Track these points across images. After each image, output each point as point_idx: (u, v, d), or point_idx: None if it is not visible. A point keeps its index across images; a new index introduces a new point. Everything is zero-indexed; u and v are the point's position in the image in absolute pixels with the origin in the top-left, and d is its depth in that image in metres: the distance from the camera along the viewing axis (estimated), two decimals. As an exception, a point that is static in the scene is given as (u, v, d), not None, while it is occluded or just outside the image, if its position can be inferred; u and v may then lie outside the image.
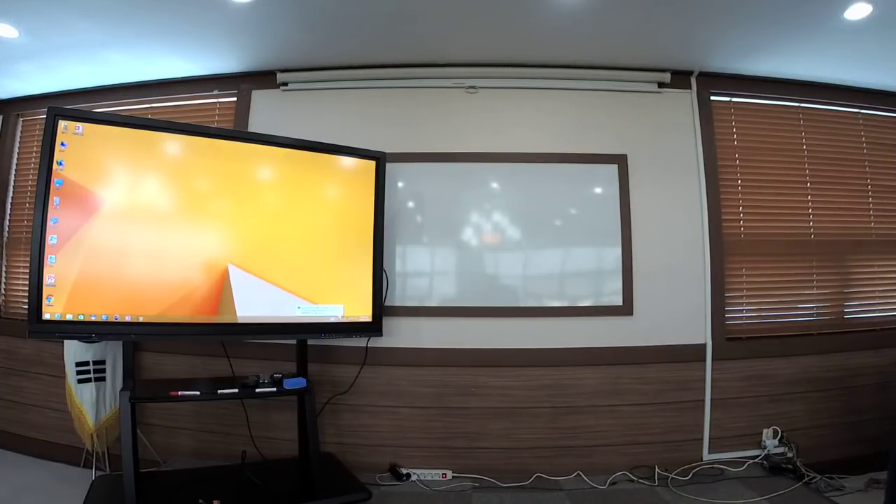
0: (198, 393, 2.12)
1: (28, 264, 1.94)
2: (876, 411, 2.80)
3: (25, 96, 3.15)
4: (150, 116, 2.90)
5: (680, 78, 2.88)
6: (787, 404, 2.76)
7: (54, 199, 1.90)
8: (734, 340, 2.77)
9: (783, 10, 2.23)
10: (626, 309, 2.71)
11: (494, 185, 2.82)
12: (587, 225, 2.79)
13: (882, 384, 2.83)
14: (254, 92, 2.92)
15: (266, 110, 2.90)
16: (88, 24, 2.39)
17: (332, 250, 2.43)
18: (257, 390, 2.18)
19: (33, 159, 3.11)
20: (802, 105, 2.98)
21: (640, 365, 2.67)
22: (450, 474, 2.58)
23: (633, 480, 2.51)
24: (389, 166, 2.61)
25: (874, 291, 2.96)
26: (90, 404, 2.48)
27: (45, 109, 1.96)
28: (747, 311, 2.85)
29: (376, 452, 2.65)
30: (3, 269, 3.13)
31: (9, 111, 3.20)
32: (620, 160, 2.81)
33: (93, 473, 2.47)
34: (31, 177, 3.13)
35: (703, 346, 2.73)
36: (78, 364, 2.47)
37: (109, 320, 1.98)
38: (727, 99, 2.95)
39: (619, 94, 2.87)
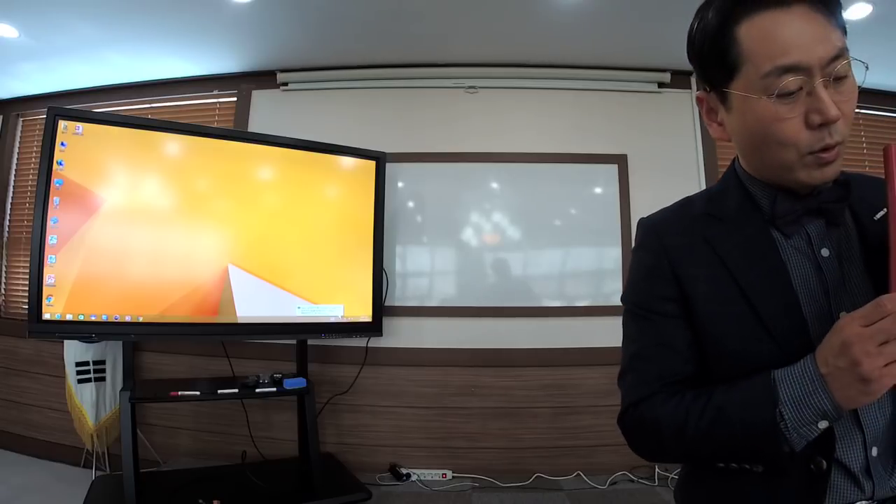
0: (198, 393, 2.12)
1: (28, 264, 1.94)
2: (876, 411, 2.80)
3: (25, 96, 3.15)
4: (150, 116, 2.90)
5: (680, 78, 2.87)
6: (787, 404, 2.75)
7: (54, 200, 1.90)
8: (734, 340, 2.77)
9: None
10: (626, 309, 2.71)
11: (494, 185, 2.82)
12: (587, 225, 2.79)
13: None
14: (254, 92, 2.92)
15: (266, 110, 2.90)
16: (88, 25, 2.39)
17: (332, 250, 2.43)
18: (257, 390, 2.18)
19: (33, 159, 3.11)
20: (802, 105, 2.98)
21: (640, 365, 2.66)
22: (450, 474, 2.58)
23: (633, 480, 2.51)
24: (389, 166, 2.61)
25: (874, 291, 2.96)
26: (90, 404, 2.48)
27: (45, 109, 1.96)
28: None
29: (376, 452, 2.65)
30: (3, 269, 3.13)
31: (9, 111, 3.20)
32: (620, 160, 2.81)
33: (93, 473, 2.47)
34: (31, 177, 3.13)
35: (703, 346, 2.72)
36: (78, 364, 2.47)
37: (109, 320, 1.98)
38: (727, 99, 2.95)
39: (619, 94, 2.87)
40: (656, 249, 0.77)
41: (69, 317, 1.92)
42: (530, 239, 2.79)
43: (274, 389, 2.21)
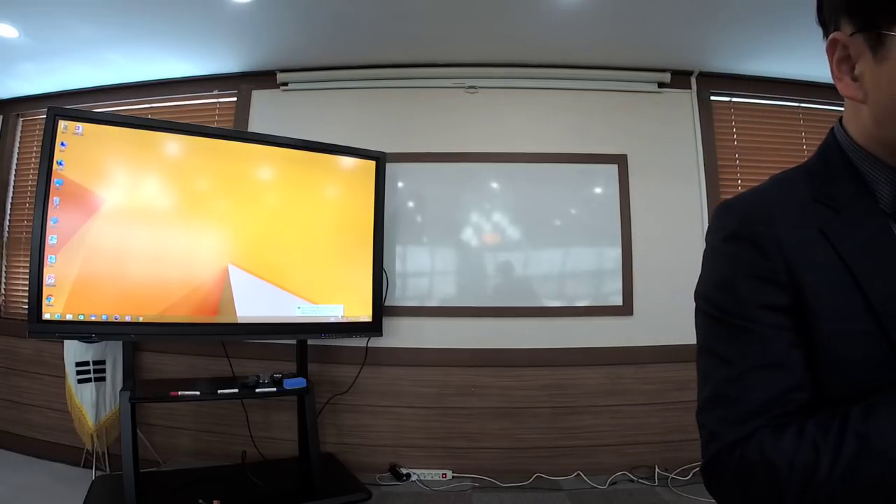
0: (198, 393, 2.12)
1: (28, 264, 1.94)
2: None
3: (25, 96, 3.15)
4: (150, 116, 2.90)
5: (680, 78, 2.87)
6: (787, 404, 2.75)
7: (54, 199, 1.90)
8: (734, 340, 2.77)
9: (783, 9, 2.23)
10: (626, 309, 2.71)
11: (494, 185, 2.82)
12: (587, 225, 2.79)
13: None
14: (254, 92, 2.92)
15: (266, 110, 2.90)
16: (88, 25, 2.39)
17: (332, 250, 2.43)
18: (257, 390, 2.18)
19: (33, 159, 3.11)
20: (802, 105, 2.97)
21: (640, 365, 2.67)
22: (450, 474, 2.58)
23: (633, 480, 2.51)
24: (389, 166, 2.61)
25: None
26: (90, 404, 2.48)
27: (46, 109, 1.96)
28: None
29: (376, 452, 2.65)
30: (3, 269, 3.13)
31: (9, 111, 3.20)
32: (620, 160, 2.81)
33: (93, 473, 2.47)
34: (31, 177, 3.13)
35: (703, 346, 2.72)
36: (78, 364, 2.47)
37: (109, 320, 1.98)
38: (727, 99, 2.95)
39: (619, 94, 2.87)
40: (767, 244, 0.58)
41: (69, 317, 1.92)
42: (530, 239, 2.79)
43: (274, 389, 2.21)
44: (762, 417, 0.55)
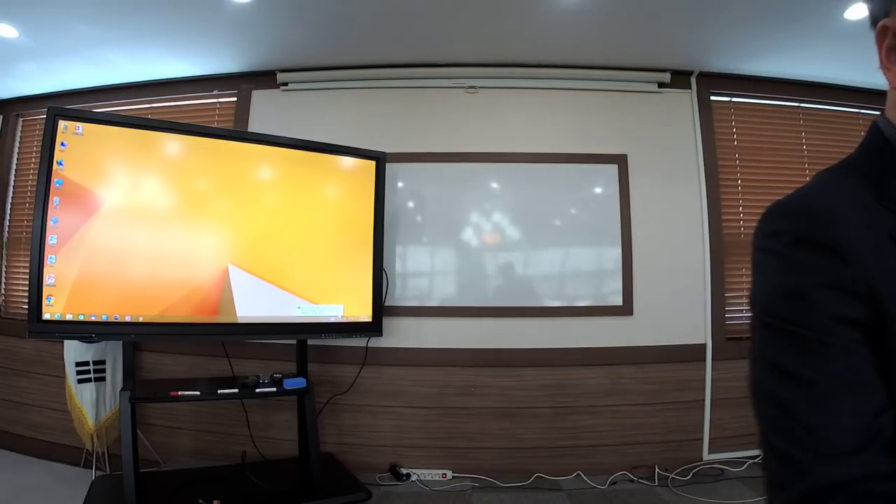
0: (198, 393, 2.12)
1: (28, 264, 1.94)
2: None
3: (25, 96, 3.15)
4: (150, 116, 2.90)
5: (680, 78, 2.87)
6: (787, 404, 2.75)
7: (54, 200, 1.90)
8: (734, 340, 2.77)
9: (783, 10, 2.23)
10: (626, 309, 2.71)
11: (494, 185, 2.82)
12: (587, 225, 2.79)
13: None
14: (254, 92, 2.92)
15: (266, 110, 2.90)
16: (88, 25, 2.39)
17: (332, 250, 2.43)
18: (257, 390, 2.19)
19: (33, 159, 3.11)
20: (802, 105, 2.97)
21: (640, 365, 2.67)
22: (450, 474, 2.58)
23: (633, 480, 2.51)
24: (389, 166, 2.61)
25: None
26: (90, 404, 2.48)
27: (46, 109, 1.96)
28: (747, 311, 2.84)
29: (376, 452, 2.65)
30: (3, 269, 3.13)
31: (9, 111, 3.20)
32: (620, 160, 2.81)
33: (93, 473, 2.47)
34: (31, 177, 3.13)
35: (703, 346, 2.73)
36: (78, 364, 2.47)
37: (109, 320, 1.98)
38: (727, 99, 2.95)
39: (619, 94, 2.87)
40: (845, 248, 0.51)
41: (69, 317, 1.92)
42: (530, 239, 2.79)
43: (274, 389, 2.21)
44: (868, 453, 0.46)
